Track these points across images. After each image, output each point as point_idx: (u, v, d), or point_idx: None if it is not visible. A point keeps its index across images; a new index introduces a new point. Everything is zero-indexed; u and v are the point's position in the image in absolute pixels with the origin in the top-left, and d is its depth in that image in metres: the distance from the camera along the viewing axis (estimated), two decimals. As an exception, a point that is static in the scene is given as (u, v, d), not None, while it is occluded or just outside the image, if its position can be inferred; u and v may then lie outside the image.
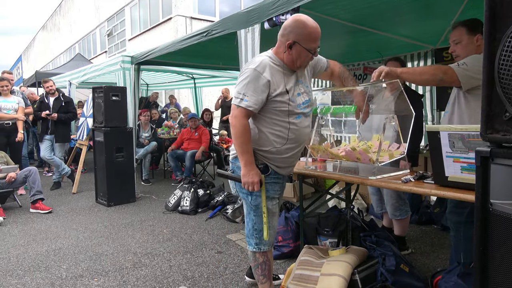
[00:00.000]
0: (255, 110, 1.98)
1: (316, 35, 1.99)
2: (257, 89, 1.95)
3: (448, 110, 2.41)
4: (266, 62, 2.00)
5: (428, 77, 2.22)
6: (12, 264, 3.12)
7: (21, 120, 5.65)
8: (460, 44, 2.31)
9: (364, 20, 3.88)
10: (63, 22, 27.93)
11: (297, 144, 2.12)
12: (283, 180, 2.20)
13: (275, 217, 2.19)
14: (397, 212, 3.05)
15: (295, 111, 2.05)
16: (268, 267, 2.23)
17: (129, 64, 5.42)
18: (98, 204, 5.09)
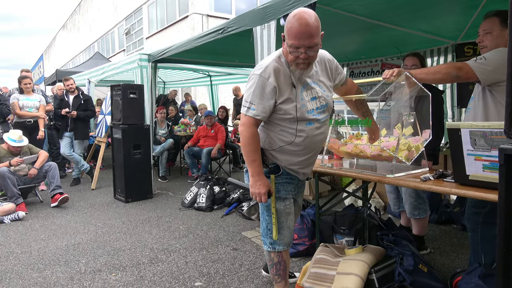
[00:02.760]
0: (264, 118, 1.93)
1: (297, 31, 1.77)
2: (263, 96, 1.88)
3: (470, 107, 2.34)
4: (272, 66, 1.90)
5: (441, 76, 2.17)
6: (33, 258, 3.21)
7: (42, 118, 5.80)
8: (490, 35, 2.19)
9: (382, 16, 3.80)
10: (83, 21, 28.48)
11: (306, 151, 2.02)
12: (298, 180, 2.14)
13: (290, 216, 2.12)
14: (416, 211, 2.99)
15: (305, 117, 1.94)
16: (283, 267, 2.19)
17: (146, 62, 5.47)
18: (116, 200, 5.17)
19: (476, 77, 2.07)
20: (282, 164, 2.04)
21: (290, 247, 2.19)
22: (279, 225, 2.09)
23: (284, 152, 2.01)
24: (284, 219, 2.10)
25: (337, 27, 4.27)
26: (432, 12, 3.67)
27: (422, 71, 2.29)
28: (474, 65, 2.07)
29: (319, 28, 1.83)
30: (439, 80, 2.36)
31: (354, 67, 5.96)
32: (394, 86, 2.27)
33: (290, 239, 2.15)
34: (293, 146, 1.98)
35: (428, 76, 2.20)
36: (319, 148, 2.11)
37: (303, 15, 1.79)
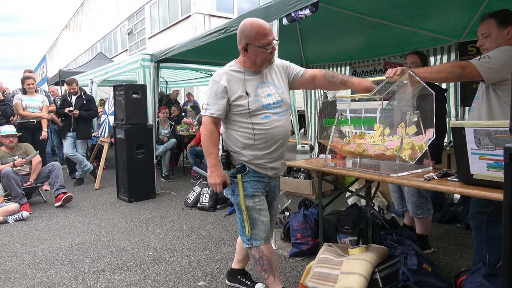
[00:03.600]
0: (220, 116, 2.14)
1: (263, 31, 2.06)
2: (216, 97, 2.12)
3: (474, 106, 2.33)
4: (224, 71, 2.17)
5: (445, 75, 2.16)
6: (37, 258, 3.22)
7: (46, 119, 5.82)
8: (489, 38, 2.19)
9: (385, 14, 3.80)
10: (85, 21, 28.56)
11: (269, 144, 2.15)
12: (269, 179, 2.25)
13: (262, 212, 2.22)
14: (419, 211, 2.98)
15: (260, 111, 2.12)
16: (267, 262, 2.25)
17: (148, 62, 5.48)
18: (120, 200, 5.19)
19: (480, 76, 2.06)
20: (248, 161, 2.17)
21: (268, 241, 2.27)
22: (252, 221, 2.20)
23: (246, 148, 2.16)
24: (256, 215, 2.20)
25: (339, 26, 4.27)
26: (435, 10, 3.66)
27: (425, 69, 2.27)
28: (478, 63, 2.06)
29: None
30: (443, 79, 2.35)
31: (356, 66, 5.95)
32: (397, 85, 2.26)
33: (266, 233, 2.23)
34: (253, 141, 2.14)
35: (431, 74, 2.19)
36: (282, 141, 2.21)
37: (256, 19, 2.12)
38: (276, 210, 2.43)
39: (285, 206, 3.83)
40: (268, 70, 2.23)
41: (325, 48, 5.60)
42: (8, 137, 4.81)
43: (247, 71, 2.16)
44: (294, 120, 8.08)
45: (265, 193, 2.26)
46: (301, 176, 5.14)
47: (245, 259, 2.58)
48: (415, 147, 2.24)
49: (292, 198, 4.20)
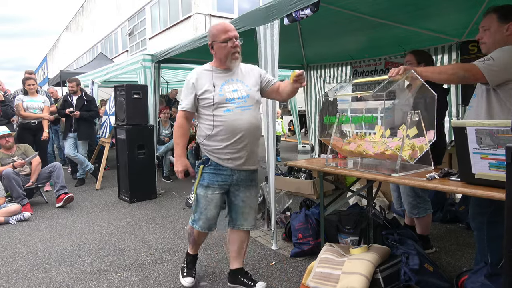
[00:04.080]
0: (190, 109, 2.40)
1: (224, 28, 2.34)
2: (187, 92, 2.41)
3: (472, 104, 2.31)
4: (196, 70, 2.45)
5: (448, 76, 2.14)
6: (39, 258, 3.22)
7: (46, 119, 5.82)
8: (488, 31, 2.18)
9: (386, 14, 3.79)
10: (86, 22, 28.58)
11: (229, 136, 2.32)
12: (231, 172, 2.40)
13: (210, 206, 2.42)
14: (415, 211, 2.98)
15: (223, 105, 2.32)
16: (193, 241, 2.63)
17: (149, 63, 5.48)
18: (121, 200, 5.19)
19: (484, 79, 2.04)
20: (210, 151, 2.39)
21: (205, 231, 2.52)
22: (198, 208, 2.46)
23: (207, 138, 2.37)
24: (203, 205, 2.43)
25: (340, 26, 4.26)
26: (436, 10, 3.65)
27: (427, 69, 2.25)
28: (482, 66, 2.03)
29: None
30: (445, 80, 2.31)
31: (357, 66, 5.94)
32: (398, 84, 2.26)
33: (205, 225, 2.47)
34: (213, 131, 2.34)
35: (433, 75, 2.17)
36: (243, 134, 2.33)
37: (220, 22, 2.45)
38: (248, 202, 2.51)
39: (286, 206, 3.83)
40: (240, 70, 2.44)
41: (325, 48, 5.59)
42: (3, 138, 4.81)
43: (216, 69, 2.42)
44: (295, 120, 8.09)
45: (225, 187, 2.43)
46: (302, 176, 5.14)
47: (239, 255, 2.62)
48: (415, 147, 2.23)
49: (293, 198, 4.20)
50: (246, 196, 2.49)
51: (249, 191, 2.49)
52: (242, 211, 2.51)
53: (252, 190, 2.52)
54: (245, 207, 2.51)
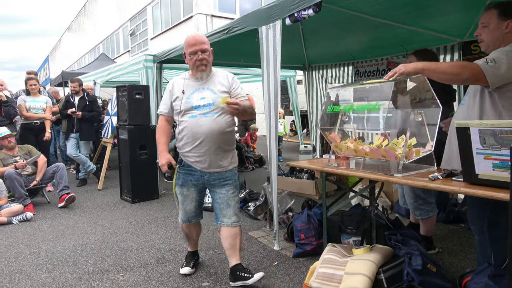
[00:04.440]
0: (166, 114, 2.68)
1: (190, 42, 2.55)
2: (164, 98, 2.69)
3: (464, 102, 2.25)
4: (174, 78, 2.71)
5: (451, 77, 2.07)
6: (42, 258, 3.23)
7: (49, 120, 5.84)
8: (487, 28, 2.12)
9: (388, 14, 3.79)
10: (88, 22, 28.63)
11: (191, 141, 2.53)
12: (201, 173, 2.60)
13: (186, 200, 2.71)
14: (417, 212, 2.97)
15: (189, 111, 2.54)
16: (186, 235, 2.93)
17: (151, 63, 5.49)
18: (123, 200, 5.20)
19: (486, 82, 1.98)
20: (181, 154, 2.63)
21: (190, 223, 2.79)
22: (179, 203, 2.76)
23: (179, 142, 2.61)
24: (181, 200, 2.73)
25: (342, 26, 4.26)
26: (438, 10, 3.64)
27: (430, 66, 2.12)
28: (486, 68, 1.97)
29: (208, 41, 2.57)
30: (447, 80, 2.22)
31: (359, 66, 5.94)
32: (401, 86, 2.25)
33: (185, 217, 2.76)
34: (180, 135, 2.58)
35: (437, 74, 2.07)
36: (205, 139, 2.51)
37: (193, 34, 2.65)
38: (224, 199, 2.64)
39: (289, 207, 3.83)
40: (214, 78, 2.61)
41: (327, 48, 5.59)
42: (5, 138, 4.83)
43: (190, 77, 2.63)
44: (297, 121, 8.09)
45: (199, 185, 2.66)
46: (304, 176, 5.14)
47: (233, 251, 2.68)
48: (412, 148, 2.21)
49: (295, 198, 4.19)
50: (222, 193, 2.63)
51: (224, 188, 2.63)
52: (220, 208, 2.65)
53: (228, 187, 2.63)
54: (222, 203, 2.64)
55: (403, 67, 2.15)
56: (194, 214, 2.77)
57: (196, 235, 2.96)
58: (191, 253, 2.98)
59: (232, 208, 2.64)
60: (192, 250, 2.99)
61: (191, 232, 2.90)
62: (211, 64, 2.61)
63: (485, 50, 2.21)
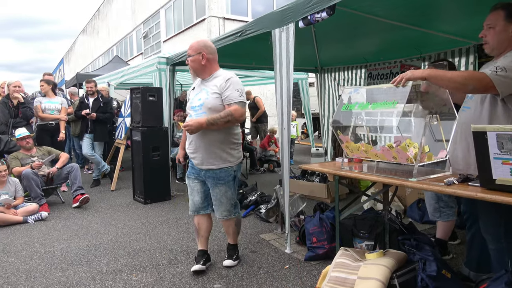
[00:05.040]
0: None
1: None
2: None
3: (469, 106, 2.20)
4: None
5: (458, 86, 2.02)
6: (56, 258, 3.28)
7: (64, 121, 5.93)
8: (492, 30, 2.05)
9: (402, 16, 3.76)
10: (102, 25, 29.03)
11: (188, 138, 2.84)
12: (199, 168, 2.83)
13: (193, 192, 2.95)
14: (436, 214, 2.93)
15: (189, 111, 2.84)
16: (196, 229, 3.04)
17: (164, 65, 5.54)
18: (135, 201, 5.25)
19: (495, 90, 1.93)
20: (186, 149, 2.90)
21: (197, 214, 2.97)
22: (188, 195, 3.00)
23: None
24: (189, 192, 2.97)
25: (355, 29, 4.25)
26: (453, 12, 3.61)
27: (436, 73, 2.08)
28: (495, 78, 1.92)
29: (197, 48, 2.77)
30: (453, 89, 2.17)
31: (372, 69, 5.90)
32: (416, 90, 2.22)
33: (194, 208, 2.97)
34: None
35: (442, 81, 2.05)
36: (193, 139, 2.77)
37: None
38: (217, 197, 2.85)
39: (300, 210, 3.82)
40: (213, 80, 2.78)
41: (340, 50, 5.57)
42: (23, 139, 4.94)
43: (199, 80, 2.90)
44: (308, 123, 8.06)
45: (200, 178, 2.88)
46: (316, 179, 5.12)
47: (228, 233, 3.09)
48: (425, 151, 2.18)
49: (307, 201, 4.18)
50: (215, 192, 2.85)
51: (218, 188, 2.82)
52: (214, 204, 2.91)
53: (220, 188, 2.82)
54: (215, 200, 2.88)
55: (410, 73, 2.14)
56: (201, 205, 2.95)
57: (205, 230, 3.02)
58: (201, 251, 3.02)
59: (224, 205, 2.88)
60: (201, 249, 3.04)
61: (200, 225, 3.00)
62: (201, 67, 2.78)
63: (489, 52, 2.17)
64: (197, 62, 2.77)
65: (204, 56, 2.75)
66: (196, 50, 2.76)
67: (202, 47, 2.78)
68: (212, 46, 2.84)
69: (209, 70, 2.81)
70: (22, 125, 5.54)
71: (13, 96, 5.50)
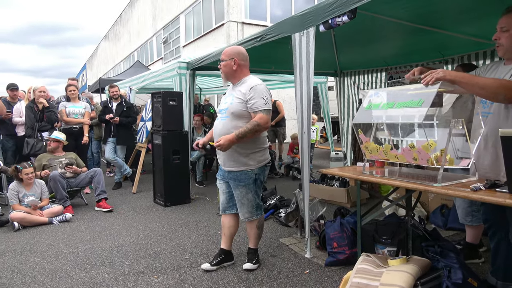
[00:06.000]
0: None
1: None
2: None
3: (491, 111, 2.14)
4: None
5: (488, 94, 1.98)
6: (80, 258, 3.36)
7: (87, 124, 6.09)
8: (507, 33, 2.03)
9: (425, 19, 3.70)
10: (123, 31, 29.67)
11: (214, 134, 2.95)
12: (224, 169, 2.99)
13: (220, 192, 3.11)
14: (468, 218, 2.86)
15: (218, 114, 2.99)
16: (222, 226, 3.16)
17: (185, 70, 5.62)
18: (156, 204, 5.32)
19: None
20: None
21: (224, 213, 3.11)
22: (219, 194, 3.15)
23: None
24: (219, 192, 3.12)
25: (376, 32, 4.21)
26: (478, 14, 3.52)
27: (468, 79, 2.04)
28: None
29: (230, 54, 2.91)
30: (481, 95, 2.12)
31: (392, 72, 5.82)
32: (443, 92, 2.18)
33: (221, 207, 3.14)
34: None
35: (473, 87, 2.00)
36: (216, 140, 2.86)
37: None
38: (238, 198, 2.95)
39: (320, 214, 3.79)
40: (240, 86, 2.89)
41: (359, 54, 5.52)
42: (57, 142, 5.11)
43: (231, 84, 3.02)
44: (328, 127, 8.01)
45: (224, 179, 3.01)
46: (335, 183, 5.07)
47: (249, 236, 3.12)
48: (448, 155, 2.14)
49: (327, 206, 4.15)
50: (236, 193, 2.95)
51: (238, 190, 2.91)
52: (237, 204, 3.00)
53: (241, 189, 2.90)
54: (238, 201, 2.97)
55: (442, 72, 2.08)
56: (227, 205, 3.08)
57: (228, 230, 3.11)
58: (220, 250, 3.13)
59: (246, 206, 2.95)
60: (222, 247, 3.13)
61: (223, 224, 3.12)
62: (232, 72, 2.92)
63: (502, 55, 2.14)
64: (228, 67, 2.90)
65: (235, 62, 2.89)
66: (229, 56, 2.90)
67: (235, 53, 2.91)
68: (244, 53, 2.96)
69: (239, 75, 2.93)
70: (47, 128, 5.71)
71: (38, 101, 5.68)
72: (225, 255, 3.10)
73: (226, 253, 3.12)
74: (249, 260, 3.08)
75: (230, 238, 3.14)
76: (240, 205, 2.97)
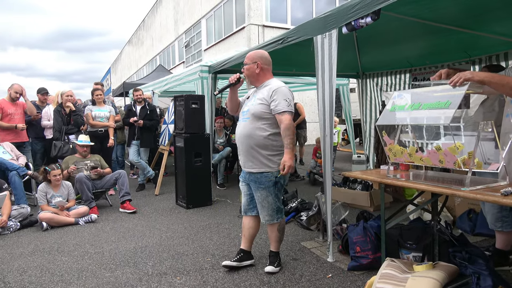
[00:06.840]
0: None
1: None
2: None
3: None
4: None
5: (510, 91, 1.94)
6: (105, 258, 3.43)
7: (112, 128, 6.24)
8: None
9: (449, 19, 3.61)
10: (146, 36, 30.26)
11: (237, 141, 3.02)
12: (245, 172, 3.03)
13: (242, 193, 3.15)
14: (498, 223, 2.76)
15: (240, 116, 3.04)
16: (242, 227, 3.20)
17: (206, 73, 5.67)
18: (178, 206, 5.39)
19: None
20: None
21: (245, 215, 3.15)
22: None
23: None
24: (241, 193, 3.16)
25: (399, 33, 4.14)
26: (506, 12, 3.41)
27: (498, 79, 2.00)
28: None
29: (253, 58, 2.99)
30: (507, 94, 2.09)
31: (417, 73, 5.71)
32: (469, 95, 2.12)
33: (242, 208, 3.17)
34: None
35: (503, 88, 1.94)
36: (240, 139, 2.97)
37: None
38: (259, 200, 2.97)
39: (342, 218, 3.74)
40: (262, 89, 2.95)
41: (382, 55, 5.44)
42: (83, 147, 5.26)
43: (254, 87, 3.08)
44: (350, 129, 7.92)
45: (245, 181, 3.05)
46: (358, 187, 5.01)
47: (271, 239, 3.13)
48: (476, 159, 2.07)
49: (349, 209, 4.09)
50: (257, 195, 2.97)
51: (259, 192, 2.94)
52: (258, 206, 3.02)
53: (261, 192, 2.92)
54: (258, 204, 2.99)
55: (469, 74, 2.04)
56: (247, 207, 3.12)
57: (248, 231, 3.15)
58: (240, 249, 3.17)
59: (266, 209, 2.97)
60: (242, 248, 3.17)
61: (244, 225, 3.17)
62: (255, 75, 2.99)
63: None
64: (251, 71, 2.98)
65: (258, 66, 2.96)
66: (252, 60, 2.97)
67: (258, 57, 2.98)
68: (267, 57, 3.03)
69: (262, 79, 3.00)
70: (73, 131, 5.88)
71: (66, 104, 5.86)
72: (244, 254, 3.13)
73: (245, 252, 3.15)
74: (270, 263, 3.07)
75: (250, 239, 3.17)
76: (260, 207, 2.99)
